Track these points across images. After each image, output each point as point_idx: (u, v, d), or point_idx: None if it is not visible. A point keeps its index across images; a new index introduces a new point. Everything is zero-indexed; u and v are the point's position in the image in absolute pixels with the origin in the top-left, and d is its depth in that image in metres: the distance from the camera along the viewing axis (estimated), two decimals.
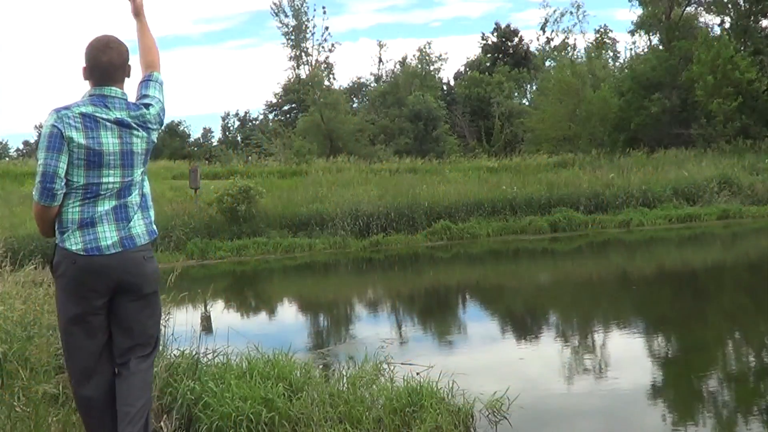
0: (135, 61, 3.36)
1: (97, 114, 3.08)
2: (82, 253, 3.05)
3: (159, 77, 3.44)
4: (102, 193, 3.11)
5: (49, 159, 2.99)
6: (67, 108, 3.05)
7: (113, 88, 3.15)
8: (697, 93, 27.73)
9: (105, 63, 3.13)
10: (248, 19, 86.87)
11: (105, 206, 3.12)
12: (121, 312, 3.18)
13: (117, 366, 3.20)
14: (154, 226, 3.33)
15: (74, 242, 3.06)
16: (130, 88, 3.31)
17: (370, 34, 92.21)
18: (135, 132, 3.17)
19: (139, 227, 3.22)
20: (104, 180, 3.10)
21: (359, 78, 55.38)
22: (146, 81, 3.39)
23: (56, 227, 3.12)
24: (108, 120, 3.10)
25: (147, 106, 3.27)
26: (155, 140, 3.32)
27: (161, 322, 3.45)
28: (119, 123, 3.12)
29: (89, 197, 3.09)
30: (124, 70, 3.23)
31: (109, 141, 3.09)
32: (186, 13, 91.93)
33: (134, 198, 3.23)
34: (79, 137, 3.01)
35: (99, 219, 3.10)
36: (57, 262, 3.11)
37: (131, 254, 3.14)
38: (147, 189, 3.34)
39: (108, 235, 3.10)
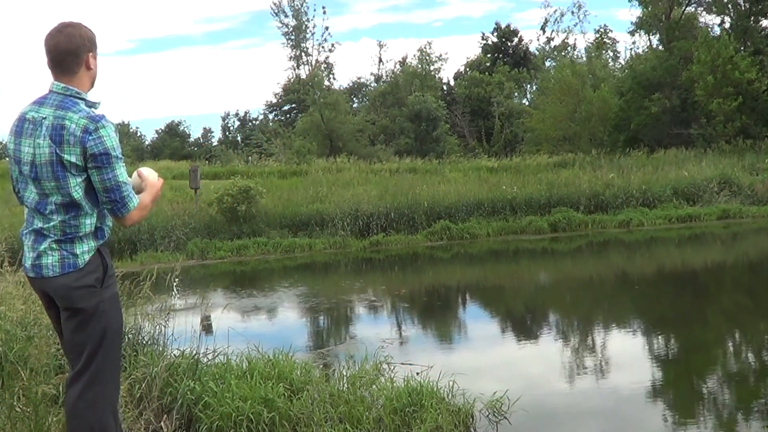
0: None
1: (27, 116, 2.88)
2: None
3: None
4: (28, 205, 2.94)
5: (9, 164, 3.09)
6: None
7: (58, 83, 2.87)
8: (697, 93, 27.73)
9: (51, 47, 2.86)
10: (250, 18, 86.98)
11: (33, 225, 2.95)
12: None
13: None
14: (80, 260, 2.87)
15: None
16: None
17: (372, 34, 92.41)
18: (39, 139, 2.81)
19: (51, 257, 2.87)
20: (27, 189, 2.93)
21: (359, 78, 55.47)
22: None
23: None
24: (31, 122, 2.85)
25: (74, 111, 2.81)
26: (72, 160, 2.78)
27: (102, 338, 2.91)
28: (34, 126, 2.83)
29: (27, 209, 2.98)
30: (77, 59, 2.87)
31: (26, 149, 2.86)
32: (187, 13, 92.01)
33: (52, 225, 2.87)
34: (10, 143, 2.97)
35: (26, 236, 2.99)
36: None
37: (39, 281, 2.95)
38: (82, 229, 2.88)
39: (28, 255, 2.97)
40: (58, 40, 2.87)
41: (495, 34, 51.86)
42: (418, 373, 5.00)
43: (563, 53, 42.21)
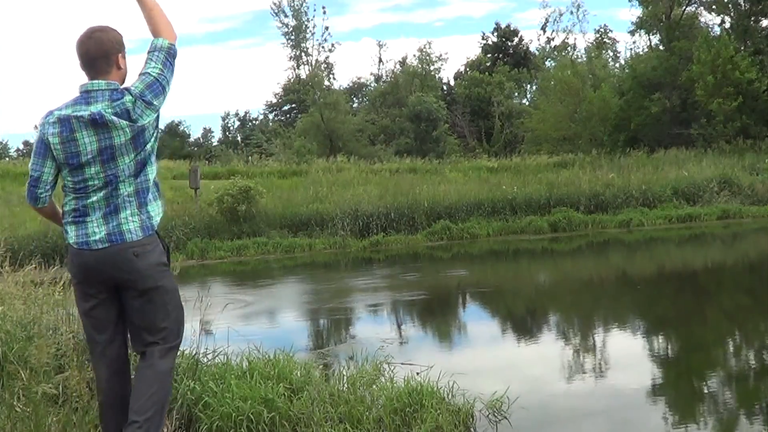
0: (138, 58, 3.24)
1: (74, 114, 3.03)
2: (75, 246, 3.12)
3: (160, 43, 3.20)
4: (90, 187, 3.08)
5: (35, 164, 3.14)
6: (50, 113, 3.10)
7: (98, 81, 3.08)
8: (697, 93, 27.73)
9: (83, 53, 3.09)
10: (252, 18, 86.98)
11: (95, 198, 3.07)
12: (127, 308, 3.17)
13: (139, 355, 3.28)
14: (155, 221, 3.18)
15: (70, 235, 3.13)
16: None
17: (373, 34, 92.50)
18: (113, 126, 3.02)
19: (132, 223, 3.09)
20: (88, 176, 3.06)
21: (359, 78, 55.38)
22: (148, 53, 3.21)
23: (63, 218, 3.21)
24: (82, 119, 3.02)
25: (127, 91, 3.09)
26: (149, 120, 3.10)
27: (178, 312, 3.26)
28: (94, 121, 3.01)
29: (80, 192, 3.10)
30: (108, 60, 3.10)
31: (86, 141, 3.03)
32: (190, 13, 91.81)
33: (126, 190, 3.09)
34: (56, 142, 3.06)
35: (90, 211, 3.08)
36: (67, 257, 3.21)
37: (119, 250, 3.06)
38: (150, 182, 3.17)
39: (96, 230, 3.07)
40: (89, 46, 3.10)
41: (495, 34, 51.83)
42: (418, 373, 4.99)
43: (563, 53, 42.13)
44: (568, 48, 42.94)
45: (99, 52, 3.09)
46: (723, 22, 32.13)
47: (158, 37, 3.22)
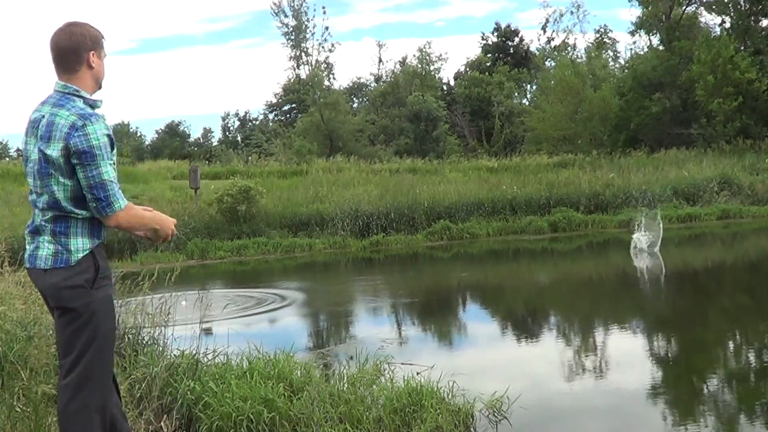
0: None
1: (32, 116, 2.91)
2: None
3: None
4: (32, 197, 2.94)
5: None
6: None
7: (61, 82, 2.90)
8: (697, 93, 27.74)
9: (53, 46, 2.89)
10: (252, 18, 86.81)
11: (35, 212, 2.95)
12: None
13: None
14: (74, 257, 2.84)
15: None
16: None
17: (374, 34, 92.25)
18: (34, 137, 2.85)
19: (46, 250, 2.85)
20: (31, 187, 2.94)
21: (359, 78, 55.34)
22: None
23: None
24: (34, 121, 2.88)
25: (81, 100, 2.86)
26: (54, 154, 2.76)
27: (88, 342, 2.86)
28: (33, 124, 2.86)
29: (32, 203, 2.98)
30: (78, 56, 2.88)
31: (30, 147, 2.89)
32: (190, 13, 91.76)
33: (47, 213, 2.86)
34: (23, 143, 3.00)
35: (28, 231, 2.98)
36: None
37: (33, 267, 2.93)
38: (75, 220, 2.86)
39: (27, 246, 2.97)
40: (60, 38, 2.90)
41: (495, 34, 51.79)
42: (418, 373, 5.00)
43: (563, 53, 42.09)
44: (569, 48, 42.95)
45: (69, 44, 2.88)
46: (723, 22, 32.16)
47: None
